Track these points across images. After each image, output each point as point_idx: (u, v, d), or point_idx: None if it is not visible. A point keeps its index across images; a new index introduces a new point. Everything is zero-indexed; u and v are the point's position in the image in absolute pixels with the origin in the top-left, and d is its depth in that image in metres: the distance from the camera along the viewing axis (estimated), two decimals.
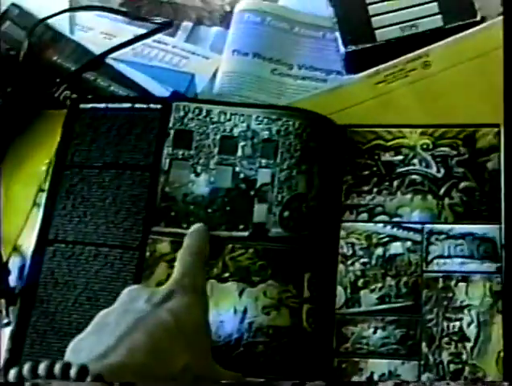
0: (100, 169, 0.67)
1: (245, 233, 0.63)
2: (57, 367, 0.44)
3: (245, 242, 0.63)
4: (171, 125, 0.68)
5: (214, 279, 0.62)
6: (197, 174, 0.66)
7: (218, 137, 0.67)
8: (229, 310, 0.61)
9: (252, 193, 0.65)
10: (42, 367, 0.44)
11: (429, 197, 0.65)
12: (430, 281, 0.62)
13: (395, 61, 0.70)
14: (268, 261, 0.62)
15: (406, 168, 0.66)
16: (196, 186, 0.65)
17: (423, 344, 0.60)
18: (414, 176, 0.66)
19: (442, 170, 0.65)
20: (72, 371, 0.44)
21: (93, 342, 0.50)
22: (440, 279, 0.62)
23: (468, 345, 0.59)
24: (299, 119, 0.67)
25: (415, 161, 0.66)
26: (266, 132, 0.66)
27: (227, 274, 0.62)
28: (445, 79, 0.68)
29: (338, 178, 0.66)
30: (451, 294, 0.61)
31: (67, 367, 0.44)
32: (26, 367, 0.45)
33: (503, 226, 0.61)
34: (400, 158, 0.67)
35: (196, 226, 0.62)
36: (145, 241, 0.64)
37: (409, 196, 0.65)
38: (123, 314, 0.52)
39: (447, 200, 0.64)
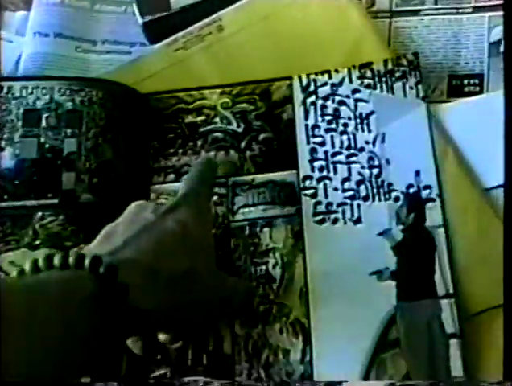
0: None
1: (55, 200, 0.64)
2: (71, 258, 0.44)
3: (55, 209, 0.63)
4: None
5: (25, 248, 0.62)
6: (1, 149, 0.65)
7: (21, 110, 0.67)
8: None
9: (59, 162, 0.65)
10: (56, 258, 0.44)
11: (231, 152, 0.67)
12: (236, 230, 0.64)
13: (191, 28, 0.73)
14: (80, 227, 0.63)
15: (209, 127, 0.69)
16: (1, 161, 0.65)
17: None
18: (216, 134, 0.68)
19: (242, 125, 0.68)
20: (86, 261, 0.44)
21: (101, 245, 0.50)
22: (246, 227, 0.64)
23: (275, 285, 0.62)
24: (102, 90, 0.68)
25: (217, 119, 0.69)
26: (70, 103, 0.67)
27: (38, 241, 0.63)
28: (238, 40, 0.72)
29: (144, 144, 0.68)
30: (256, 240, 0.64)
31: (81, 257, 0.44)
32: (41, 259, 0.44)
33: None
34: (202, 118, 0.69)
35: (203, 156, 0.66)
36: None
37: (213, 153, 0.68)
38: (130, 223, 0.53)
39: (248, 153, 0.67)
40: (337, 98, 0.68)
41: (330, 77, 0.69)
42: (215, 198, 0.66)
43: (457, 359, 0.57)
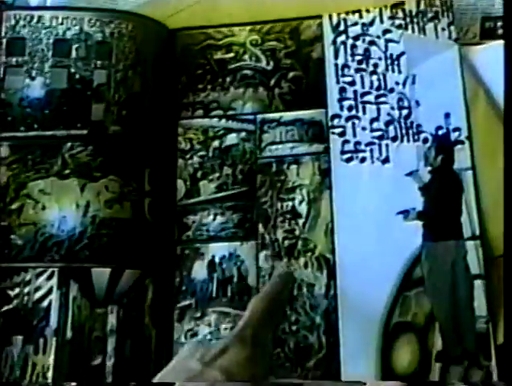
0: None
1: (84, 131, 0.64)
2: None
3: (84, 140, 0.64)
4: (3, 34, 0.67)
5: (54, 177, 0.63)
6: (32, 78, 0.66)
7: (51, 40, 0.67)
8: (71, 205, 0.62)
9: (89, 93, 0.65)
10: None
11: (260, 89, 0.67)
12: (264, 166, 0.64)
13: None
14: (108, 158, 0.63)
15: (238, 64, 0.69)
16: (31, 90, 0.65)
17: (260, 225, 0.63)
18: (245, 71, 0.68)
19: (271, 63, 0.68)
20: None
21: None
22: (273, 164, 0.64)
23: (300, 221, 0.62)
24: (132, 23, 0.68)
25: (246, 57, 0.69)
26: (100, 34, 0.67)
27: (67, 171, 0.63)
28: None
29: (173, 78, 0.68)
30: (283, 177, 0.64)
31: None
32: None
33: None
34: (231, 55, 0.69)
35: (281, 270, 0.62)
36: None
37: (241, 90, 0.67)
38: (177, 373, 0.50)
39: (277, 90, 0.67)
40: (368, 38, 0.68)
41: (361, 17, 0.68)
42: (243, 134, 0.65)
43: (481, 300, 0.58)
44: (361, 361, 0.57)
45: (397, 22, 0.67)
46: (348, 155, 0.64)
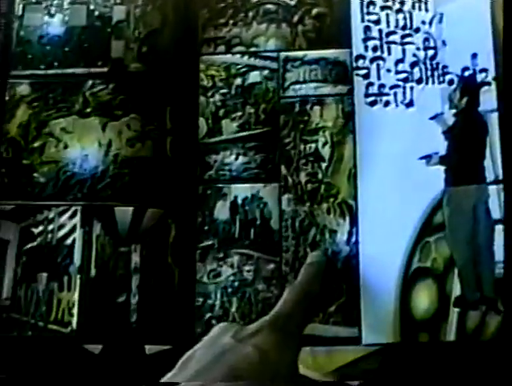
0: None
1: (105, 69, 0.63)
2: None
3: (104, 78, 0.63)
4: None
5: (76, 115, 0.62)
6: (51, 16, 0.64)
7: None
8: (93, 143, 0.62)
9: (108, 30, 0.64)
10: None
11: (283, 25, 0.66)
12: (287, 106, 0.64)
13: None
14: (129, 96, 0.63)
15: None
16: (51, 27, 0.65)
17: (282, 167, 0.63)
18: (268, 5, 0.67)
19: None
20: None
21: (179, 372, 0.49)
22: (296, 104, 0.64)
23: (324, 165, 0.62)
24: None
25: None
26: None
27: (89, 109, 0.63)
28: None
29: (193, 13, 0.67)
30: (306, 118, 0.63)
31: None
32: None
33: None
34: None
35: (314, 256, 0.61)
36: (4, 86, 0.63)
37: (264, 26, 0.66)
38: (208, 348, 0.51)
39: (300, 27, 0.66)
40: None
41: None
42: (265, 72, 0.65)
43: (501, 245, 0.58)
44: (380, 307, 0.58)
45: None
46: (373, 98, 0.63)
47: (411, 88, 0.62)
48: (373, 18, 0.65)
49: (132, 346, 0.60)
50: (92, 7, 0.65)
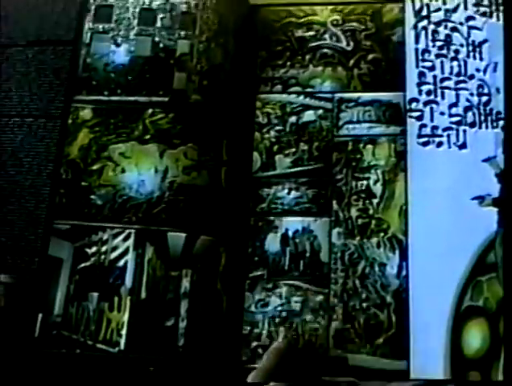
0: (23, 47, 0.68)
1: (166, 99, 0.65)
2: None
3: (165, 107, 0.65)
4: (91, 1, 0.69)
5: (135, 141, 0.64)
6: (117, 45, 0.67)
7: (137, 9, 0.68)
8: (150, 169, 0.63)
9: (172, 62, 0.66)
10: None
11: (339, 68, 0.68)
12: (340, 144, 0.65)
13: None
14: (188, 126, 0.65)
15: (318, 42, 0.69)
16: (116, 56, 0.67)
17: (334, 202, 0.64)
18: (325, 50, 0.69)
19: (351, 44, 0.69)
20: None
21: None
22: (350, 142, 0.65)
23: (375, 201, 0.63)
24: None
25: (326, 36, 0.70)
26: (185, 5, 0.68)
27: (148, 136, 0.64)
28: None
29: (253, 52, 0.69)
30: (359, 156, 0.65)
31: None
32: None
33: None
34: (312, 33, 0.70)
35: (277, 343, 0.62)
36: (67, 110, 0.65)
37: (320, 68, 0.68)
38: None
39: (355, 71, 0.68)
40: (450, 24, 0.68)
41: (444, 3, 0.69)
42: (320, 111, 0.66)
43: None
44: (430, 341, 0.58)
45: (481, 9, 0.67)
46: (425, 139, 0.64)
47: (464, 131, 0.64)
48: (428, 64, 0.66)
49: (178, 370, 0.60)
50: (157, 39, 0.67)
